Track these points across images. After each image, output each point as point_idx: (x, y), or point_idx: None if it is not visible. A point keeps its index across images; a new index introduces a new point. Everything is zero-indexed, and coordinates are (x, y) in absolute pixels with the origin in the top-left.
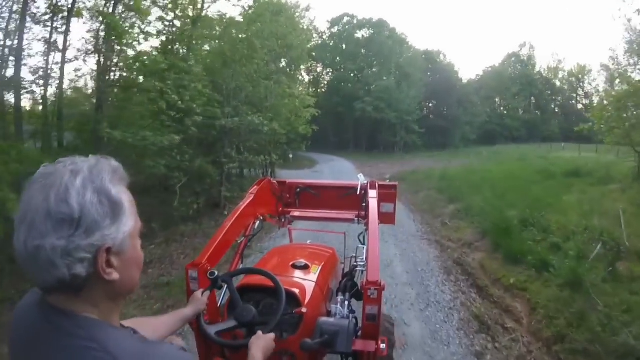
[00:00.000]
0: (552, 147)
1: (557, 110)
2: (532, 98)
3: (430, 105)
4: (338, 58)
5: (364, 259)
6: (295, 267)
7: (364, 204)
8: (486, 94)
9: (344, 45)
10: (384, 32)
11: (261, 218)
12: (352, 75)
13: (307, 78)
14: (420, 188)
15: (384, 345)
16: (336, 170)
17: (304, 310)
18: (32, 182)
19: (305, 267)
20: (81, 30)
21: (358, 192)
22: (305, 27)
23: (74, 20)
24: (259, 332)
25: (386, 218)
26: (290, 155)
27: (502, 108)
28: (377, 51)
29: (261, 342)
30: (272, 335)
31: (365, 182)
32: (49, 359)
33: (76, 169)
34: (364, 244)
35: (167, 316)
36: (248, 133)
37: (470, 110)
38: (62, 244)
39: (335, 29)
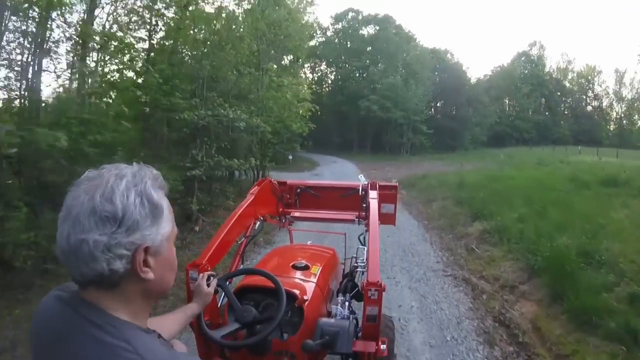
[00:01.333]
0: (568, 151)
1: (566, 112)
2: (542, 99)
3: (439, 105)
4: (342, 56)
5: (365, 260)
6: (295, 267)
7: (364, 205)
8: (496, 94)
9: (348, 43)
10: (390, 28)
11: (261, 218)
12: (356, 73)
13: (310, 76)
14: (433, 197)
15: (384, 346)
16: (337, 173)
17: (304, 310)
18: (77, 184)
19: (305, 268)
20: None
21: (359, 193)
22: (307, 21)
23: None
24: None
25: (386, 219)
26: (290, 157)
27: (512, 109)
28: (383, 48)
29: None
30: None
31: (366, 182)
32: (79, 350)
33: (121, 174)
34: (364, 244)
35: (176, 313)
36: (224, 131)
37: (480, 110)
38: (104, 239)
39: (339, 25)
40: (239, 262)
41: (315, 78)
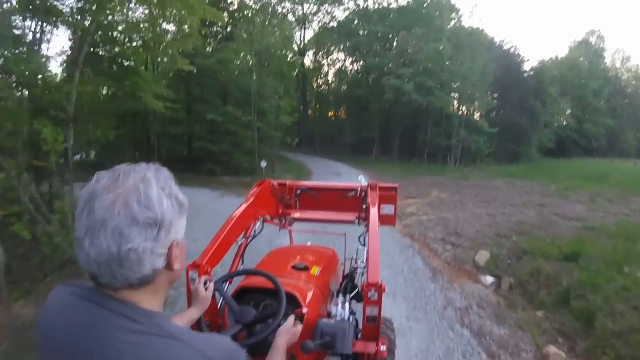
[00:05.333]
0: None
1: (632, 117)
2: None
3: (495, 96)
4: (363, 37)
5: (364, 260)
6: (295, 268)
7: (364, 206)
8: (560, 90)
9: (370, 25)
10: None
11: (261, 219)
12: (378, 46)
13: (332, 70)
14: None
15: (384, 346)
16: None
17: (304, 310)
18: (97, 193)
19: (305, 269)
20: None
21: (358, 194)
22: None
23: None
24: (287, 323)
25: (386, 219)
26: (263, 164)
27: (578, 109)
28: (417, 14)
29: (286, 331)
30: (299, 327)
31: (365, 183)
32: (108, 343)
33: (145, 178)
34: (364, 245)
35: (176, 318)
36: None
37: (549, 106)
38: (149, 245)
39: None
40: (239, 263)
41: (334, 70)
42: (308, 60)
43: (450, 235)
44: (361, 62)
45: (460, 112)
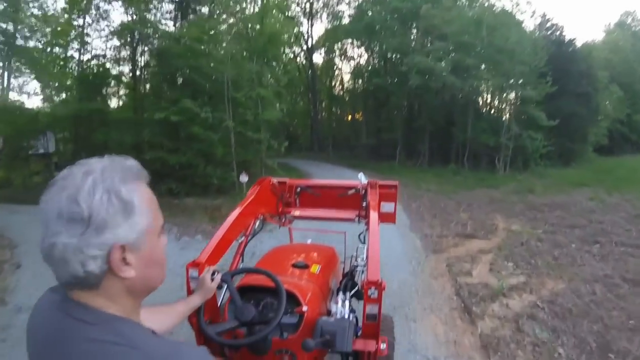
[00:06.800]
0: None
1: None
2: None
3: (548, 81)
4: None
5: (364, 258)
6: (295, 266)
7: (364, 204)
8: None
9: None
10: None
11: (261, 217)
12: (399, 23)
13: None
14: None
15: (384, 345)
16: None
17: (304, 309)
18: (51, 184)
19: (305, 267)
20: None
21: (359, 192)
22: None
23: None
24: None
25: (387, 217)
26: (243, 179)
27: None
28: None
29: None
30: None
31: (365, 181)
32: (71, 351)
33: (89, 170)
34: (364, 243)
35: (178, 304)
36: None
37: (603, 93)
38: (73, 241)
39: None
40: (239, 261)
41: (351, 67)
42: (320, 58)
43: None
44: (377, 47)
45: (507, 102)
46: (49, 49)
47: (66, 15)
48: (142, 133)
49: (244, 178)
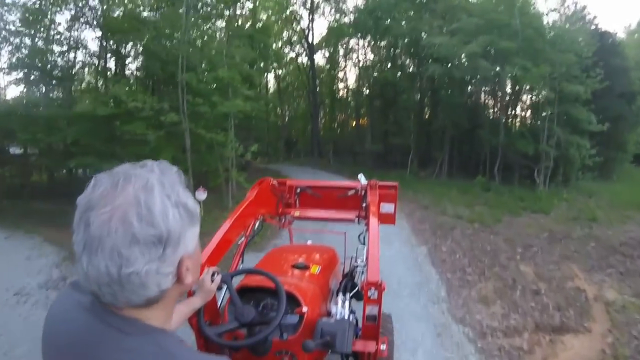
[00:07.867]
0: None
1: None
2: None
3: (597, 74)
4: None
5: (364, 259)
6: (295, 267)
7: (364, 204)
8: None
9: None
10: None
11: (261, 218)
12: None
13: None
14: None
15: (384, 345)
16: None
17: (304, 309)
18: (94, 203)
19: (305, 268)
20: None
21: (358, 193)
22: None
23: None
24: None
25: (386, 218)
26: (200, 197)
27: None
28: None
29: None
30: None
31: (365, 182)
32: (104, 359)
33: (148, 185)
34: (364, 244)
35: (179, 306)
36: None
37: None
38: (154, 266)
39: None
40: (239, 262)
41: (355, 65)
42: (322, 59)
43: None
44: (385, 39)
45: (553, 94)
46: None
47: None
48: (68, 133)
49: (200, 195)
